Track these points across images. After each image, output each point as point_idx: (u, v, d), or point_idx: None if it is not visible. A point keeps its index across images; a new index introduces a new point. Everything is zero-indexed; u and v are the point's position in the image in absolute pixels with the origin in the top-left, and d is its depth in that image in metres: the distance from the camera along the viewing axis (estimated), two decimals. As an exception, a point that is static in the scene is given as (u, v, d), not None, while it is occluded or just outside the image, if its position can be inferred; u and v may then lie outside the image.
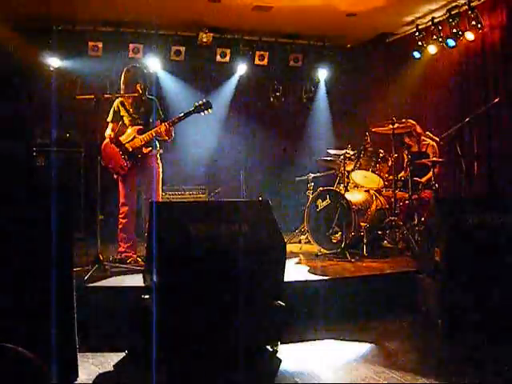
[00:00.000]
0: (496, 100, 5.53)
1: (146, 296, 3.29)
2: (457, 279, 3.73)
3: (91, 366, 3.18)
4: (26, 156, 6.97)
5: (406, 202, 5.81)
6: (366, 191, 5.93)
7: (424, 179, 5.96)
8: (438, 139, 6.08)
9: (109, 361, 3.27)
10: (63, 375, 2.75)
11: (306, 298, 4.12)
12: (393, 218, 5.63)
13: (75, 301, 2.94)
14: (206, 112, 4.98)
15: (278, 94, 8.70)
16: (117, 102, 5.05)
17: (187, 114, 4.94)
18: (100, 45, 7.32)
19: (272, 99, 8.71)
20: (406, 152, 5.98)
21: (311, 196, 6.08)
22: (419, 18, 7.26)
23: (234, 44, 8.03)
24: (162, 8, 6.82)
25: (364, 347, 3.55)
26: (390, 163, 5.88)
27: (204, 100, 4.99)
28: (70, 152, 7.07)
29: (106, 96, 4.79)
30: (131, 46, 7.46)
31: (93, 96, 4.63)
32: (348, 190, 5.87)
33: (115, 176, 4.99)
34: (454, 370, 3.10)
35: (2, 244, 2.77)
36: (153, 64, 7.64)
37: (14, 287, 2.75)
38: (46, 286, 2.75)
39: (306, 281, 4.42)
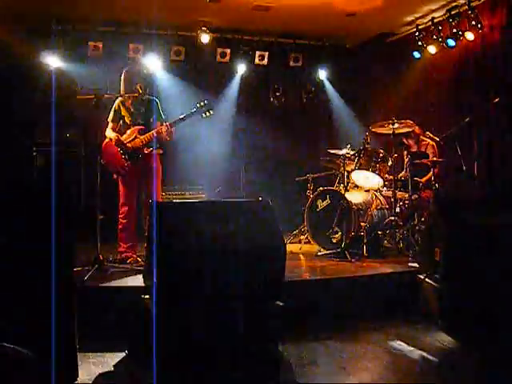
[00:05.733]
0: (496, 100, 5.52)
1: (146, 296, 3.29)
2: (457, 279, 3.73)
3: (91, 366, 3.18)
4: (26, 156, 6.98)
5: (406, 202, 5.81)
6: (366, 191, 5.93)
7: (424, 179, 5.96)
8: (437, 139, 6.08)
9: (109, 361, 3.28)
10: (63, 375, 2.75)
11: (306, 297, 4.12)
12: (393, 218, 5.63)
13: (75, 301, 2.94)
14: (207, 114, 4.99)
15: (277, 94, 8.69)
16: (117, 102, 5.05)
17: (188, 116, 4.95)
18: (100, 45, 7.31)
19: (272, 99, 8.70)
20: (406, 152, 5.98)
21: (311, 196, 6.08)
22: (419, 17, 7.25)
23: (234, 44, 8.02)
24: (161, 8, 6.82)
25: (364, 347, 3.55)
26: (390, 163, 5.88)
27: (205, 102, 4.99)
28: (70, 152, 7.08)
29: (106, 96, 4.80)
30: (131, 46, 7.45)
31: (93, 96, 4.65)
32: (348, 190, 5.87)
33: (115, 176, 4.99)
34: (453, 370, 3.10)
35: (2, 244, 2.77)
36: (153, 64, 7.64)
37: (14, 287, 2.75)
38: (46, 285, 2.75)
39: (306, 281, 4.42)
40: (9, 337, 2.25)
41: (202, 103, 4.98)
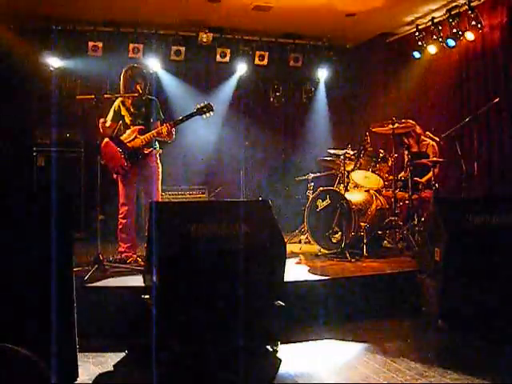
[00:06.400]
0: (496, 100, 5.52)
1: (146, 296, 3.29)
2: (457, 279, 3.72)
3: (91, 365, 3.18)
4: (26, 156, 6.98)
5: (406, 202, 5.81)
6: (366, 191, 5.92)
7: (424, 179, 5.97)
8: (438, 139, 6.08)
9: (109, 361, 3.27)
10: (63, 375, 2.75)
11: (305, 298, 4.12)
12: (393, 218, 5.63)
13: (75, 301, 2.94)
14: (207, 114, 4.98)
15: (278, 94, 8.70)
16: (117, 102, 5.04)
17: (189, 116, 4.94)
18: (100, 45, 7.32)
19: (272, 99, 8.71)
20: (406, 152, 5.98)
21: (311, 196, 6.08)
22: (419, 17, 7.26)
23: (234, 44, 8.03)
24: (161, 8, 6.83)
25: (364, 347, 3.55)
26: (390, 163, 5.88)
27: (206, 102, 4.99)
28: (70, 152, 7.09)
29: (106, 96, 4.80)
30: (131, 46, 7.47)
31: (93, 96, 4.64)
32: (348, 190, 5.86)
33: (115, 176, 4.98)
34: (454, 370, 3.10)
35: (2, 244, 2.77)
36: (153, 64, 7.64)
37: (14, 287, 2.75)
38: (46, 285, 2.75)
39: (306, 281, 4.42)
40: (9, 337, 2.25)
41: (202, 104, 4.98)
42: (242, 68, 8.21)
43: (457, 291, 3.72)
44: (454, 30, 6.63)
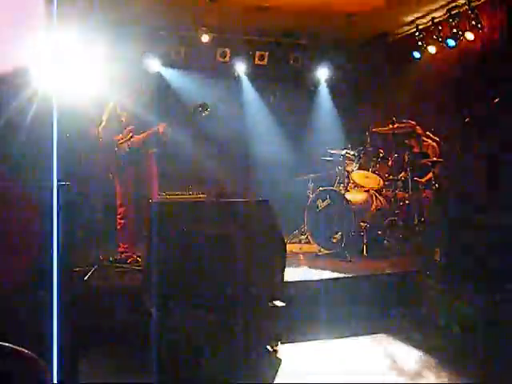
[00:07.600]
0: (496, 100, 5.52)
1: (146, 296, 3.29)
2: (456, 279, 3.73)
3: (91, 365, 3.18)
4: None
5: (406, 202, 5.81)
6: (365, 191, 5.93)
7: (424, 179, 5.96)
8: (438, 139, 6.08)
9: (109, 360, 3.28)
10: (63, 375, 2.75)
11: (305, 298, 4.13)
12: (393, 218, 5.63)
13: (75, 301, 2.94)
14: (203, 114, 4.98)
15: (278, 93, 8.70)
16: (113, 103, 5.03)
17: (186, 116, 4.94)
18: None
19: (272, 99, 8.71)
20: (407, 153, 5.98)
21: (311, 196, 6.08)
22: (419, 17, 7.25)
23: (234, 44, 8.03)
24: (161, 8, 6.82)
25: (364, 347, 3.56)
26: (390, 163, 5.88)
27: (201, 101, 4.99)
28: (69, 152, 7.09)
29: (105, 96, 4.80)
30: (132, 46, 7.45)
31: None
32: (348, 190, 5.87)
33: (111, 176, 4.97)
34: (453, 371, 3.10)
35: (3, 245, 2.77)
36: (153, 64, 7.64)
37: (14, 287, 2.75)
38: (46, 285, 2.75)
39: (306, 281, 4.42)
40: (9, 337, 2.25)
41: (198, 103, 4.98)
42: (241, 68, 8.21)
43: (457, 291, 3.73)
44: (454, 30, 6.63)
